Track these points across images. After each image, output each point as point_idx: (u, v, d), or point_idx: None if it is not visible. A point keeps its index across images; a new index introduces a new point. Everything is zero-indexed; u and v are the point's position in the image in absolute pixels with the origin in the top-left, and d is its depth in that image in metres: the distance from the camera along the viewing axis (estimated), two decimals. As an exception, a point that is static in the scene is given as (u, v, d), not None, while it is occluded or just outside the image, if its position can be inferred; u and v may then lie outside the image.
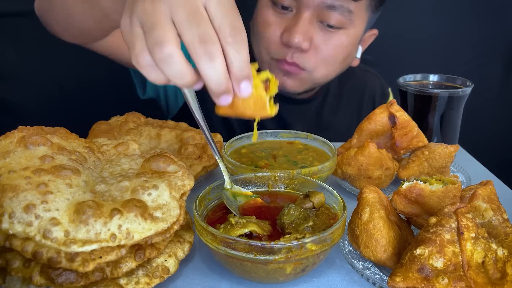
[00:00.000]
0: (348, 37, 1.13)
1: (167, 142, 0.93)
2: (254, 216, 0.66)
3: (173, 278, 0.63)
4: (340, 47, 1.14)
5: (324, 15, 1.07)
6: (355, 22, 1.11)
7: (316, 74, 1.17)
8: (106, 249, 0.53)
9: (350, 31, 1.12)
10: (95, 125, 0.95)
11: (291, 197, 0.74)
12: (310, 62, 1.13)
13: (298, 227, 0.64)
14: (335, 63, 1.17)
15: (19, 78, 1.69)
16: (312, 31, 1.09)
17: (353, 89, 1.39)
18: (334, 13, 1.07)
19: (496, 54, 1.88)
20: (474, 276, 0.55)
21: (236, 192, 0.72)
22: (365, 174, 0.84)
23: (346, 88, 1.38)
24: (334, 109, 1.36)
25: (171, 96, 1.28)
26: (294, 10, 1.10)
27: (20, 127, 0.63)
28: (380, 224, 0.62)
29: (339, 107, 1.36)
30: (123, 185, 0.59)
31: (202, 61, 0.52)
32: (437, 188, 0.66)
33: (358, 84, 1.40)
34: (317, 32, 1.10)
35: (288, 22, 1.10)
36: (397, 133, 0.88)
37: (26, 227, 0.51)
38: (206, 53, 0.52)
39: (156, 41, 0.51)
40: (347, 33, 1.12)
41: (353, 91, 1.39)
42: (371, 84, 1.43)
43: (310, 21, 1.08)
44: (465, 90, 0.99)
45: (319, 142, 0.93)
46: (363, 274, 0.63)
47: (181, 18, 0.52)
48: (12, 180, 0.55)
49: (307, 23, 1.08)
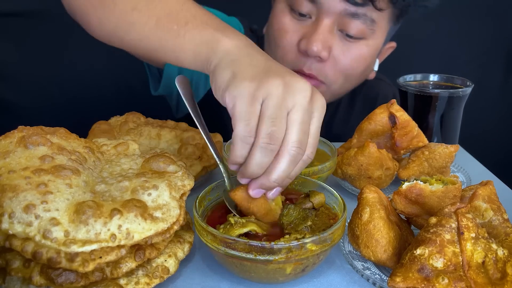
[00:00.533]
0: (368, 48, 1.09)
1: (167, 142, 0.93)
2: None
3: (173, 278, 0.63)
4: (360, 59, 1.09)
5: (345, 23, 1.03)
6: (376, 33, 1.07)
7: (335, 87, 1.12)
8: (106, 249, 0.53)
9: (370, 42, 1.08)
10: (95, 125, 0.95)
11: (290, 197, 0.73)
12: (328, 74, 1.08)
13: (297, 227, 0.64)
14: (353, 75, 1.12)
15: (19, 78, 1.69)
16: (331, 40, 1.04)
17: (365, 98, 1.35)
18: (356, 21, 1.02)
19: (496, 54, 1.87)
20: (474, 276, 0.55)
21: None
22: (365, 174, 0.84)
23: (358, 98, 1.34)
24: (346, 118, 1.32)
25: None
26: (313, 18, 1.05)
27: (20, 127, 0.63)
28: (380, 224, 0.62)
29: (350, 116, 1.33)
30: (123, 185, 0.59)
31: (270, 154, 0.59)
32: (437, 188, 0.66)
33: (370, 93, 1.35)
34: (337, 42, 1.05)
35: (306, 30, 1.05)
36: (397, 133, 0.88)
37: (26, 227, 0.51)
38: (283, 155, 0.59)
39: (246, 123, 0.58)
40: (367, 44, 1.08)
41: (365, 101, 1.35)
42: (384, 93, 1.38)
43: (329, 30, 1.03)
44: (465, 90, 0.99)
45: (319, 142, 0.93)
46: (363, 274, 0.63)
47: (271, 109, 0.59)
48: (12, 180, 0.55)
49: (326, 31, 1.03)
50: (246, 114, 0.58)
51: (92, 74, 1.69)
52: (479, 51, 1.86)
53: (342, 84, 1.14)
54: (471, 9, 1.81)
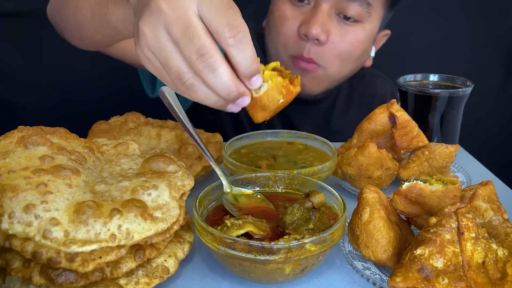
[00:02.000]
0: (364, 32, 1.14)
1: (167, 142, 0.93)
2: (251, 216, 0.64)
3: (173, 278, 0.63)
4: (356, 42, 1.14)
5: (343, 6, 1.08)
6: (372, 16, 1.12)
7: (331, 70, 1.16)
8: (106, 249, 0.53)
9: (366, 25, 1.13)
10: (95, 125, 0.95)
11: (290, 197, 0.73)
12: (325, 57, 1.13)
13: (298, 229, 0.64)
14: (350, 59, 1.17)
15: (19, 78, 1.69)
16: (330, 23, 1.10)
17: (363, 93, 1.38)
18: (353, 4, 1.08)
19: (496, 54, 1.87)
20: (474, 276, 0.55)
21: (237, 193, 0.71)
22: (365, 174, 0.84)
23: (356, 92, 1.37)
24: (343, 113, 1.35)
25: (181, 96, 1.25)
26: (311, 3, 1.10)
27: (20, 127, 0.63)
28: (380, 224, 0.62)
29: (348, 111, 1.35)
30: (123, 185, 0.59)
31: (206, 76, 0.53)
32: (437, 188, 0.66)
33: (368, 88, 1.39)
34: (335, 26, 1.10)
35: (305, 15, 1.11)
36: (397, 133, 0.88)
37: (26, 227, 0.51)
38: (206, 67, 0.52)
39: (171, 69, 0.54)
40: (363, 28, 1.13)
41: (363, 96, 1.38)
42: (381, 89, 1.42)
43: (328, 14, 1.09)
44: (465, 90, 0.99)
45: (319, 142, 0.93)
46: (363, 274, 0.63)
47: (176, 37, 0.53)
48: (11, 180, 0.55)
49: (325, 15, 1.08)
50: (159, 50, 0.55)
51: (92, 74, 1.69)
52: (479, 51, 1.86)
53: (339, 68, 1.18)
54: (471, 9, 1.81)
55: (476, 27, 1.83)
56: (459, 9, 1.81)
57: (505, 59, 1.89)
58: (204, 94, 0.55)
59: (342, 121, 1.33)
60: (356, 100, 1.37)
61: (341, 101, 1.35)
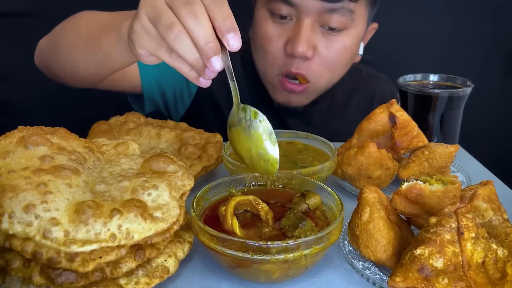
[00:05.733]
0: (351, 38, 1.11)
1: (167, 142, 0.93)
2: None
3: (173, 278, 0.63)
4: (343, 51, 1.12)
5: (325, 19, 1.06)
6: (356, 22, 1.10)
7: (320, 83, 1.15)
8: (106, 249, 0.53)
9: (351, 31, 1.11)
10: (95, 125, 0.95)
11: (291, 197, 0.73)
12: (314, 70, 1.11)
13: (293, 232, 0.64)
14: (339, 67, 1.15)
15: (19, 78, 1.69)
16: (315, 38, 1.08)
17: (362, 95, 1.37)
18: (335, 15, 1.05)
19: (496, 54, 1.87)
20: (474, 276, 0.55)
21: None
22: (365, 174, 0.84)
23: (356, 94, 1.36)
24: (342, 115, 1.34)
25: (171, 106, 1.26)
26: (294, 19, 1.08)
27: (19, 127, 0.63)
28: (380, 224, 0.62)
29: (347, 111, 1.34)
30: (123, 185, 0.59)
31: (190, 22, 0.60)
32: (437, 188, 0.66)
33: (367, 90, 1.38)
34: (320, 38, 1.08)
35: (289, 32, 1.08)
36: (397, 133, 0.88)
37: (26, 227, 0.51)
38: (191, 13, 0.60)
39: (161, 21, 0.61)
40: (349, 34, 1.11)
41: (362, 97, 1.36)
42: (381, 90, 1.40)
43: (312, 28, 1.06)
44: (465, 90, 0.99)
45: (319, 142, 0.93)
46: (363, 274, 0.63)
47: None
48: (12, 180, 0.55)
49: (309, 31, 1.06)
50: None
51: (92, 74, 1.69)
52: (479, 51, 1.86)
53: (328, 80, 1.17)
54: (471, 9, 1.80)
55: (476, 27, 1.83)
56: (459, 9, 1.80)
57: (505, 59, 1.89)
58: (187, 46, 0.61)
59: (341, 121, 1.32)
60: (355, 100, 1.36)
61: (338, 102, 1.34)
